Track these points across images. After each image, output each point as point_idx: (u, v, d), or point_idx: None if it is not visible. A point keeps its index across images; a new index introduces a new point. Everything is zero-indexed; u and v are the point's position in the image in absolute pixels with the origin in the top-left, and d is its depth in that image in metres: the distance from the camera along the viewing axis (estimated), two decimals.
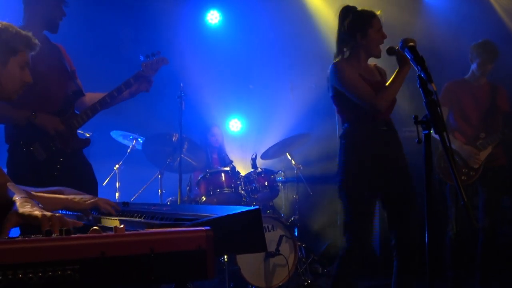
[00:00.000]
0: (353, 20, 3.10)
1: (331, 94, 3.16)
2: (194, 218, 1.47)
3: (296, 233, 4.86)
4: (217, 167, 5.12)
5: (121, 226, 1.17)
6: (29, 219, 1.39)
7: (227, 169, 4.69)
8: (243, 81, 6.55)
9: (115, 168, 5.08)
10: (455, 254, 4.11)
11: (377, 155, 3.03)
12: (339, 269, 3.07)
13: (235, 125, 6.81)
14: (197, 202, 4.65)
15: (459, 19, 5.48)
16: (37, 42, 2.24)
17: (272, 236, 4.21)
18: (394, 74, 3.00)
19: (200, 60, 6.05)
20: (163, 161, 4.93)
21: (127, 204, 2.16)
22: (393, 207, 3.10)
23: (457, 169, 4.03)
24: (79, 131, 3.40)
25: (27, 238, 1.09)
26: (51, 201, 1.92)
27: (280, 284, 4.18)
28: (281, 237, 4.22)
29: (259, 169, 4.73)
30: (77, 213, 2.08)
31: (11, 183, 1.74)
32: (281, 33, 6.29)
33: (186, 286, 2.97)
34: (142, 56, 3.28)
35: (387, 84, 3.04)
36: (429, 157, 1.98)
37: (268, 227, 4.24)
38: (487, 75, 4.24)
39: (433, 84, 2.02)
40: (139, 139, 5.11)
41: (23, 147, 2.95)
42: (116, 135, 5.21)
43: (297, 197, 5.20)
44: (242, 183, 4.64)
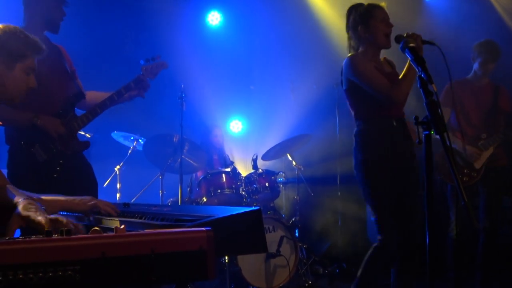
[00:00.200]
0: (356, 14, 3.13)
1: (345, 87, 3.14)
2: (194, 218, 1.47)
3: (297, 234, 4.86)
4: (218, 168, 5.12)
5: (122, 226, 1.16)
6: (33, 224, 1.39)
7: (228, 170, 4.69)
8: (244, 82, 6.55)
9: (116, 169, 5.08)
10: (456, 254, 4.10)
11: (391, 151, 3.02)
12: (368, 266, 3.02)
13: (236, 126, 6.81)
14: (198, 203, 4.65)
15: (460, 19, 5.49)
16: (44, 47, 2.21)
17: (273, 237, 4.21)
18: (406, 65, 2.97)
19: (201, 61, 6.04)
20: (164, 162, 4.93)
21: (128, 205, 2.16)
22: (398, 207, 3.08)
23: (458, 170, 4.02)
24: (80, 132, 3.40)
25: (28, 238, 1.08)
26: (51, 203, 1.92)
27: (281, 285, 4.18)
28: (282, 238, 4.22)
29: (260, 170, 4.73)
30: (77, 214, 2.08)
31: (10, 185, 1.74)
32: (281, 34, 6.29)
33: (186, 286, 2.97)
34: (142, 60, 3.28)
35: (400, 76, 3.00)
36: (430, 158, 1.98)
37: (269, 228, 4.24)
38: (489, 74, 4.23)
39: (433, 84, 2.02)
40: (140, 140, 5.11)
41: (24, 148, 2.95)
42: (117, 136, 5.20)
43: (298, 198, 5.19)
44: (243, 184, 4.64)
